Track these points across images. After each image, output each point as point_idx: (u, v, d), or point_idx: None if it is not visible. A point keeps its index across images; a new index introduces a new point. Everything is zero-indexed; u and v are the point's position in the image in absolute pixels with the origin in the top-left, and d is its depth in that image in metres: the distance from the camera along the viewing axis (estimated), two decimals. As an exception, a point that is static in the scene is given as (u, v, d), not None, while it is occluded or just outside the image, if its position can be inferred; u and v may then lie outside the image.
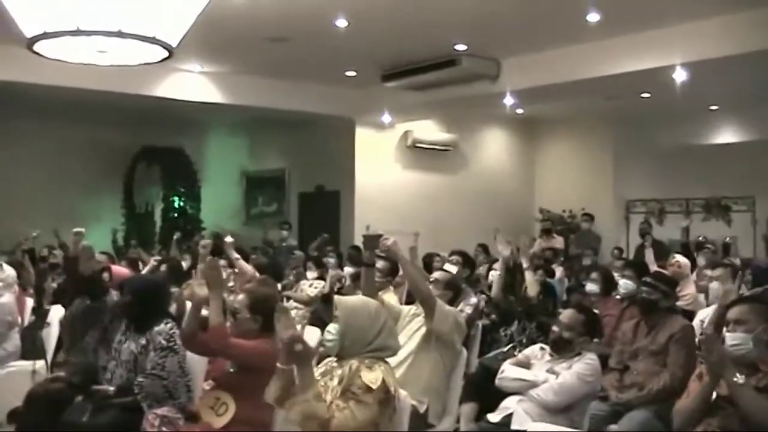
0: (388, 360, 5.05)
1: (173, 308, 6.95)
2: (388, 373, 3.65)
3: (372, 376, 3.54)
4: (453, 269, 7.12)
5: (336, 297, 3.79)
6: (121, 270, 6.46)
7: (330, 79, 13.10)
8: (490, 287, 7.93)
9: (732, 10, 8.88)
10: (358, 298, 3.93)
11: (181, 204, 17.58)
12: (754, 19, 8.81)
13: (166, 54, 5.16)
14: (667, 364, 5.18)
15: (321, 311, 7.87)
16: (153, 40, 4.83)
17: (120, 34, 4.59)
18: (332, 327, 3.68)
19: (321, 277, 9.52)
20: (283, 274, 9.57)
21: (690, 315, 7.02)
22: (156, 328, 4.92)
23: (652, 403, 5.01)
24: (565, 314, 4.92)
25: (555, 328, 4.91)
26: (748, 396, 3.61)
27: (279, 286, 9.01)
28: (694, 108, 14.43)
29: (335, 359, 3.74)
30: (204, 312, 4.38)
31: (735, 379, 3.64)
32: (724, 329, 3.95)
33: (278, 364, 3.53)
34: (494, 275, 7.79)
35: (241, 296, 4.69)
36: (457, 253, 8.26)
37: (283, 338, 3.42)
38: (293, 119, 15.04)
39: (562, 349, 4.79)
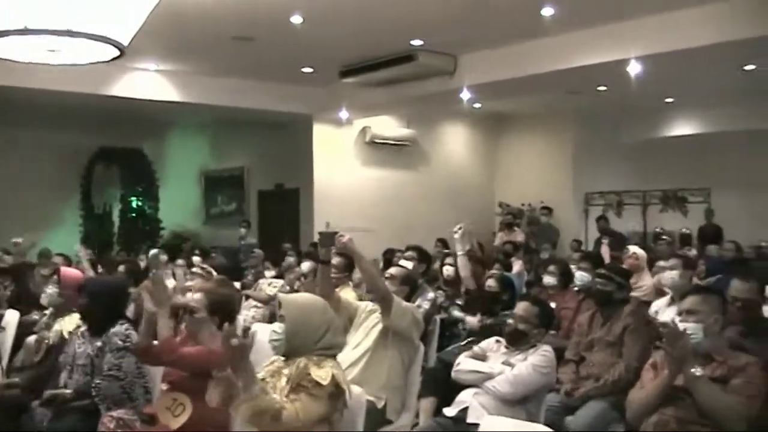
0: (343, 357, 5.10)
1: (131, 309, 6.90)
2: (338, 369, 3.65)
3: (321, 373, 3.54)
4: (409, 265, 7.12)
5: (281, 296, 3.78)
6: (70, 272, 6.36)
7: (287, 76, 13.05)
8: (446, 282, 7.94)
9: (685, 5, 8.97)
10: (304, 297, 3.90)
11: (140, 204, 17.44)
12: (707, 13, 8.90)
13: (117, 53, 5.12)
14: (622, 354, 5.22)
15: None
16: (104, 39, 4.80)
17: (70, 33, 4.56)
18: (278, 326, 3.67)
19: (280, 276, 9.51)
20: (242, 273, 9.54)
21: (647, 307, 7.08)
22: (112, 330, 4.88)
23: (608, 393, 5.06)
24: (521, 307, 4.94)
25: (510, 321, 4.93)
26: (705, 388, 3.65)
27: (238, 285, 9.01)
28: (651, 101, 14.57)
29: (282, 359, 3.73)
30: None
31: (693, 371, 3.68)
32: (677, 318, 3.99)
33: (213, 373, 3.54)
34: (449, 270, 7.79)
35: (198, 295, 4.64)
36: (413, 248, 8.26)
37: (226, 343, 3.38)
38: (251, 118, 14.97)
39: (518, 341, 4.81)
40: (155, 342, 4.37)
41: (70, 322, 5.69)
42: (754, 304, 4.93)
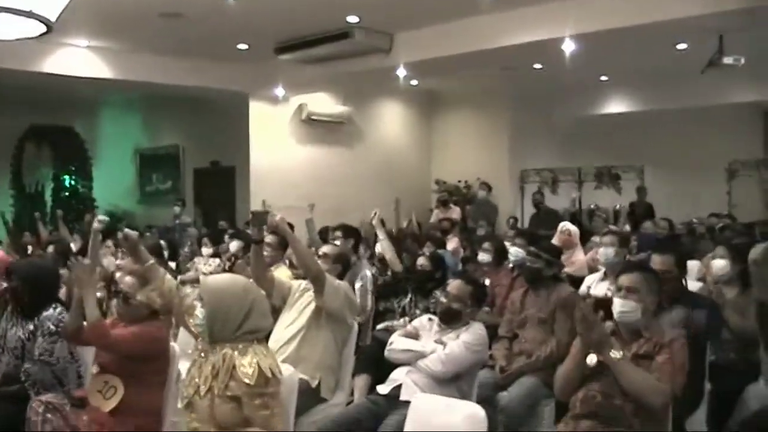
0: (276, 336, 5.09)
1: (63, 291, 6.79)
2: (264, 356, 3.53)
3: (247, 370, 3.43)
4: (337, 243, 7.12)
5: (201, 278, 3.71)
6: (-5, 255, 6.24)
7: (222, 53, 12.89)
8: (380, 259, 7.95)
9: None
10: (222, 279, 3.77)
11: (73, 183, 17.17)
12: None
13: (44, 29, 5.00)
14: (554, 331, 5.29)
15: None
16: (29, 14, 4.68)
17: (-8, 8, 4.44)
18: (199, 311, 3.58)
19: (216, 255, 9.43)
20: (178, 252, 9.43)
21: (579, 281, 7.17)
22: (45, 314, 4.80)
23: (540, 369, 5.13)
24: (454, 285, 4.96)
25: (443, 300, 4.95)
26: (626, 370, 3.71)
27: (173, 264, 8.92)
28: (586, 80, 14.73)
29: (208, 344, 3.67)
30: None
31: (612, 355, 3.73)
32: (615, 295, 4.04)
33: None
34: (383, 246, 7.80)
35: (130, 279, 4.57)
36: (340, 227, 8.25)
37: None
38: (186, 95, 14.79)
39: (451, 320, 4.84)
40: (85, 324, 4.32)
41: None
42: (671, 275, 5.02)
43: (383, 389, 4.61)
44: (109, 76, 12.74)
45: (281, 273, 6.42)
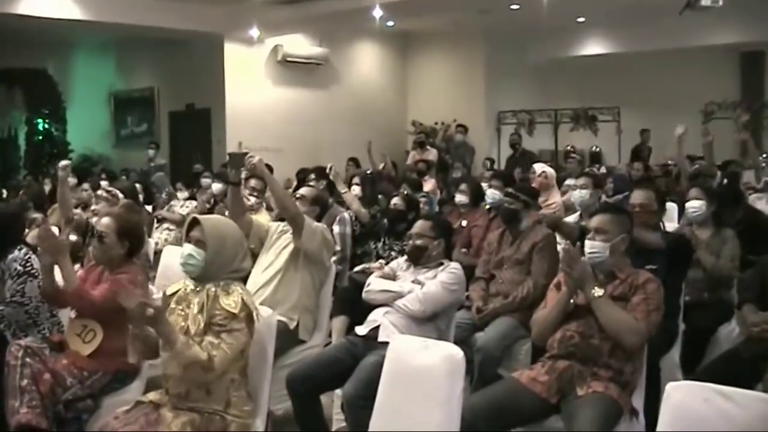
0: (254, 278, 5.12)
1: (34, 232, 6.76)
2: (245, 292, 3.65)
3: (231, 300, 3.53)
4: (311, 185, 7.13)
5: (202, 218, 3.70)
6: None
7: (196, -6, 12.75)
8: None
9: None
10: (222, 221, 3.83)
11: (46, 127, 16.98)
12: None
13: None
14: (530, 272, 5.33)
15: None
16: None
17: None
18: (194, 251, 3.60)
19: (192, 197, 9.41)
20: (153, 195, 9.40)
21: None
22: (10, 256, 4.78)
23: (516, 310, 5.17)
24: (416, 226, 4.98)
25: (409, 241, 4.98)
26: (606, 309, 3.77)
27: (149, 208, 8.89)
28: (562, 21, 14.63)
29: (192, 283, 3.71)
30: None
31: (593, 292, 3.79)
32: (586, 238, 4.10)
33: (130, 330, 3.55)
34: (356, 190, 7.79)
35: (106, 219, 4.54)
36: (312, 170, 8.21)
37: (130, 306, 3.31)
38: (160, 37, 14.60)
39: (419, 257, 4.85)
40: (60, 287, 4.34)
41: None
42: (650, 210, 5.07)
43: (361, 330, 4.63)
44: (81, 18, 12.55)
45: (262, 217, 6.42)
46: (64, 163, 6.56)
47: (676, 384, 3.16)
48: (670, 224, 6.49)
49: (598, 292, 3.79)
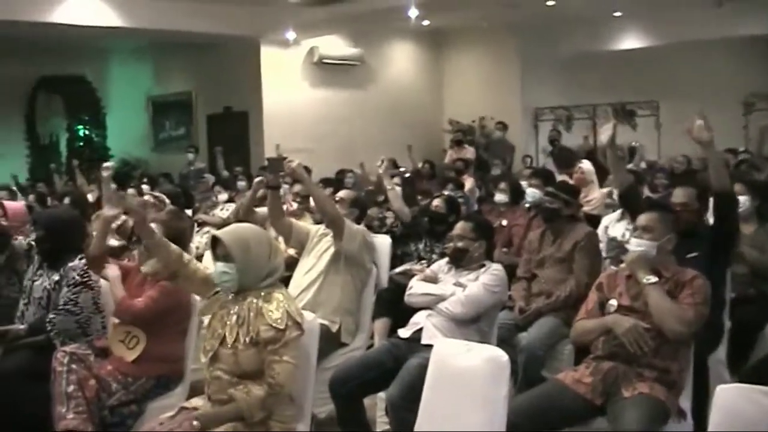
0: (296, 282, 5.12)
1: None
2: (289, 300, 3.63)
3: (276, 315, 3.50)
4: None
5: (219, 233, 3.65)
6: (15, 206, 6.27)
7: (232, -2, 12.81)
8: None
9: None
10: (240, 228, 3.77)
11: (87, 133, 17.15)
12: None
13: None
14: (573, 270, 5.28)
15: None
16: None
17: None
18: (225, 266, 3.56)
19: (231, 200, 9.44)
20: (193, 199, 9.42)
21: (596, 220, 7.14)
22: (70, 264, 4.82)
23: (559, 309, 5.13)
24: (457, 227, 4.94)
25: (450, 243, 4.95)
26: (655, 294, 3.77)
27: (189, 212, 8.92)
28: (599, 14, 14.56)
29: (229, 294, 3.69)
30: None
31: (646, 279, 3.80)
32: (632, 235, 4.08)
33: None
34: (391, 195, 7.75)
35: (153, 226, 4.57)
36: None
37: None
38: (197, 41, 14.72)
39: (460, 259, 4.82)
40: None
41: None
42: (691, 209, 5.00)
43: (404, 333, 4.62)
44: (119, 25, 12.67)
45: (305, 221, 6.44)
46: (107, 164, 6.60)
47: (726, 386, 3.11)
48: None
49: (651, 278, 3.80)
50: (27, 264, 5.39)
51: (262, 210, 6.37)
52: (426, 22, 14.52)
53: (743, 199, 5.72)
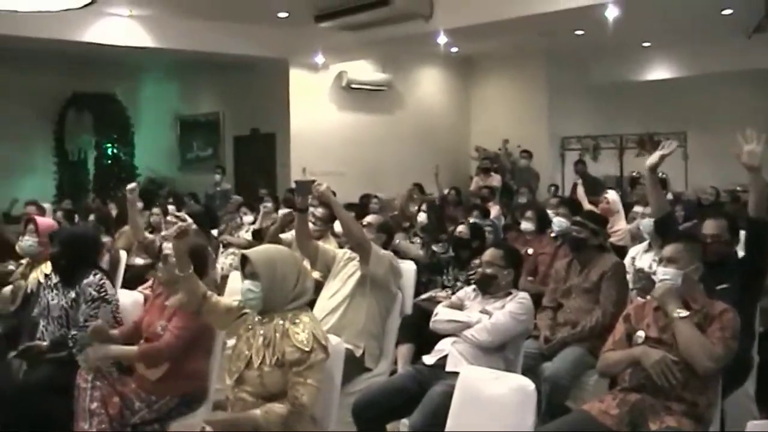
0: (321, 305, 5.11)
1: (106, 259, 6.85)
2: (315, 323, 3.65)
3: (302, 337, 3.51)
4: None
5: (248, 252, 3.69)
6: (46, 221, 6.30)
7: (262, 20, 12.89)
8: (421, 228, 7.93)
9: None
10: (272, 250, 3.81)
11: (115, 151, 17.25)
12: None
13: (88, 0, 5.04)
14: (599, 301, 5.25)
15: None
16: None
17: (38, -20, 4.49)
18: (252, 284, 3.60)
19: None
20: (218, 220, 9.45)
21: (622, 251, 7.11)
22: (85, 281, 4.85)
23: (585, 340, 5.10)
24: (486, 254, 4.94)
25: (479, 269, 4.93)
26: (685, 329, 3.72)
27: (215, 232, 8.95)
28: (627, 45, 14.52)
29: (255, 314, 3.71)
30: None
31: (677, 313, 3.76)
32: (658, 265, 4.05)
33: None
34: (422, 217, 7.77)
35: (173, 244, 4.57)
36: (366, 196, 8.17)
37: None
38: (226, 62, 14.81)
39: (488, 285, 4.81)
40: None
41: (47, 270, 5.65)
42: (721, 240, 4.95)
43: (429, 360, 4.60)
44: (150, 45, 12.82)
45: (329, 244, 6.44)
46: (132, 185, 6.63)
47: (758, 422, 3.08)
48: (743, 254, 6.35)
49: (682, 312, 3.76)
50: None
51: (287, 236, 6.39)
52: (455, 49, 14.55)
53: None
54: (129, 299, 5.21)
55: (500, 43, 14.81)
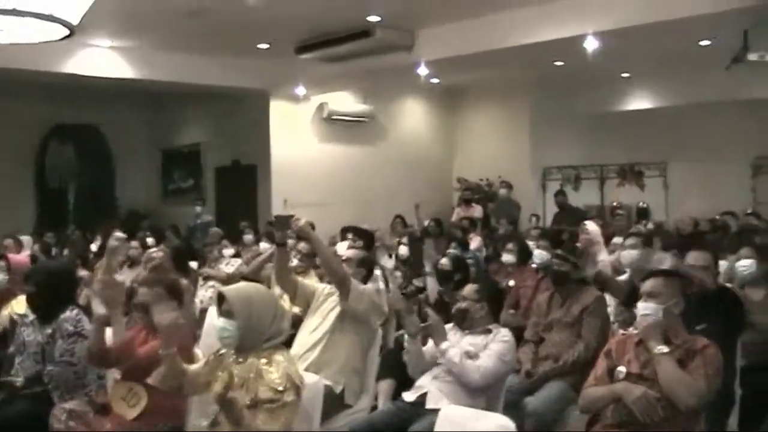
0: (300, 341, 5.07)
1: (84, 293, 6.77)
2: (290, 363, 3.61)
3: (275, 377, 3.48)
4: (343, 249, 7.10)
5: (225, 290, 3.67)
6: (18, 258, 6.26)
7: (243, 52, 12.89)
8: (400, 260, 7.90)
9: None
10: (249, 288, 3.80)
11: (96, 182, 17.16)
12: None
13: (66, 32, 4.99)
14: (581, 335, 5.23)
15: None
16: (52, 18, 4.68)
17: (15, 12, 4.46)
18: (227, 323, 3.59)
19: (237, 255, 9.41)
20: (198, 253, 9.39)
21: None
22: (62, 316, 4.83)
23: (567, 374, 5.07)
24: (464, 289, 4.94)
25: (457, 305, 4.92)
26: (667, 365, 3.69)
27: (195, 264, 8.89)
28: (607, 75, 14.62)
29: (231, 353, 3.68)
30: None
31: (658, 349, 3.74)
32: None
33: (160, 352, 3.66)
34: (403, 249, 7.74)
35: (144, 290, 4.54)
36: (351, 229, 8.19)
37: (162, 324, 3.55)
38: (208, 93, 14.81)
39: (462, 320, 4.79)
40: (107, 347, 4.37)
41: (18, 306, 5.61)
42: (710, 273, 4.96)
43: (409, 396, 4.56)
44: (132, 76, 12.81)
45: (310, 279, 6.41)
46: (118, 235, 6.61)
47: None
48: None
49: (663, 349, 3.74)
50: None
51: (268, 267, 6.36)
52: (436, 81, 14.60)
53: (749, 263, 5.69)
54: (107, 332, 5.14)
55: (482, 74, 14.88)
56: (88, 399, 4.56)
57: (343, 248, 7.31)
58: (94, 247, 9.73)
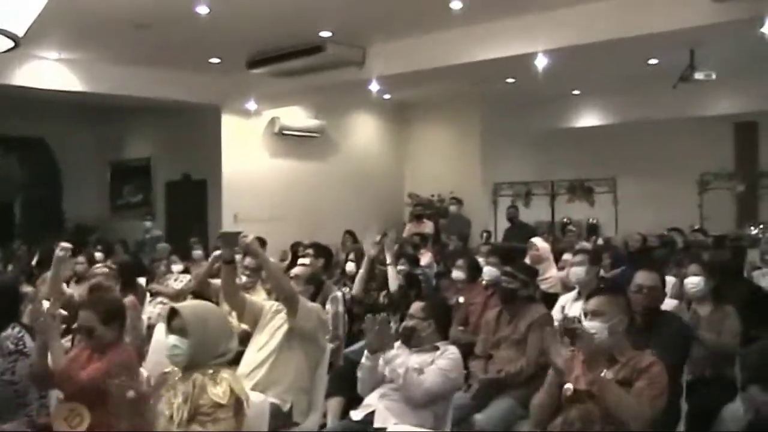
0: (248, 359, 5.02)
1: (29, 309, 6.65)
2: (234, 380, 3.58)
3: (219, 390, 3.46)
4: (306, 261, 7.07)
5: (179, 307, 3.63)
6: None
7: (194, 66, 12.80)
8: (350, 278, 7.88)
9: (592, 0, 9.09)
10: (202, 307, 3.78)
11: (43, 195, 16.93)
12: (613, 8, 9.02)
13: (11, 44, 4.91)
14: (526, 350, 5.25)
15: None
16: (-6, 30, 4.60)
17: (-44, 24, 4.36)
18: (178, 340, 3.55)
19: (186, 270, 9.31)
20: (146, 269, 9.27)
21: (553, 298, 7.12)
22: (3, 334, 4.71)
23: (514, 389, 5.08)
24: (412, 307, 4.92)
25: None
26: (612, 391, 3.68)
27: (143, 280, 8.78)
28: (558, 93, 14.77)
29: (179, 371, 3.63)
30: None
31: (602, 375, 3.72)
32: (583, 319, 4.02)
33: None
34: (350, 266, 7.73)
35: (85, 314, 4.44)
36: (310, 245, 8.16)
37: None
38: (158, 107, 14.66)
39: (408, 338, 4.75)
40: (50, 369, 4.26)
41: None
42: (659, 293, 5.01)
43: (356, 415, 4.53)
44: (80, 89, 12.60)
45: (257, 295, 6.36)
46: (64, 245, 6.50)
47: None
48: (671, 302, 6.41)
49: (606, 374, 3.74)
50: None
51: (216, 282, 6.29)
52: (387, 96, 14.62)
53: (697, 280, 5.76)
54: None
55: (434, 90, 14.95)
56: (28, 419, 4.46)
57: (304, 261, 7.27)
58: (34, 261, 9.55)
